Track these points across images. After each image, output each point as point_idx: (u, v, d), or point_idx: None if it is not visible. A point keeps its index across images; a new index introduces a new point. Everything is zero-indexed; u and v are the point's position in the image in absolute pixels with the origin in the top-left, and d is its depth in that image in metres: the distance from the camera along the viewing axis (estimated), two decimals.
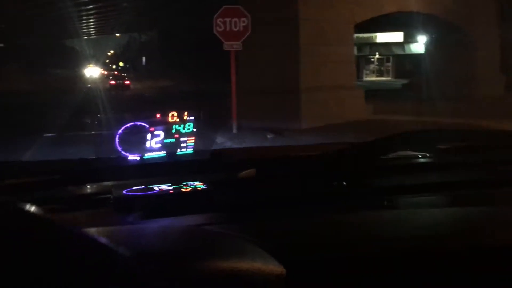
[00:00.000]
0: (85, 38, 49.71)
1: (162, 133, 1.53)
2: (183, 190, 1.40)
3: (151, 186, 1.39)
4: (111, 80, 37.49)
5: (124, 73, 48.95)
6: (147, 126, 1.51)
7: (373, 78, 43.46)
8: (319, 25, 13.04)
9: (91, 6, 29.77)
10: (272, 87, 12.31)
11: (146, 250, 0.85)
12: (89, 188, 1.46)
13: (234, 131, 11.25)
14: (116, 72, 54.64)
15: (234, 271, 0.78)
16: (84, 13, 30.35)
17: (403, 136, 1.63)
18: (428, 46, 21.34)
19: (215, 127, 11.01)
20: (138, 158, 1.53)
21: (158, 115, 1.52)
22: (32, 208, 0.58)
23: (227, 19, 11.10)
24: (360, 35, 41.31)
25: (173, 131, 1.56)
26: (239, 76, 12.11)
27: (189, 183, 1.43)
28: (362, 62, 43.02)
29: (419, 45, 30.56)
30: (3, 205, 0.56)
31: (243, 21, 11.05)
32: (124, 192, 1.33)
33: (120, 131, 1.48)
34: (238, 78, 11.93)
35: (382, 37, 40.04)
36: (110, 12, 32.00)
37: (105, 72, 55.86)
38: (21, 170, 1.55)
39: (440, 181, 1.53)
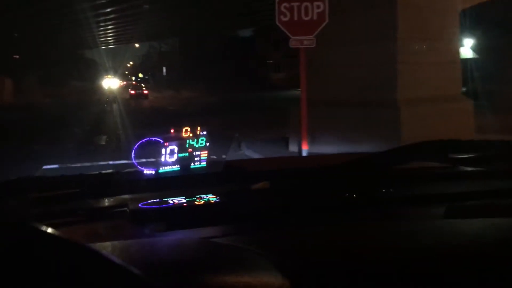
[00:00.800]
0: (103, 48, 50.57)
1: (176, 148, 1.66)
2: (196, 203, 1.53)
3: (166, 199, 1.52)
4: (131, 90, 42.69)
5: (143, 84, 52.27)
6: (162, 141, 1.64)
7: None
8: (421, 12, 10.24)
9: (109, 10, 30.14)
10: (354, 98, 9.95)
11: (157, 263, 0.95)
12: (106, 201, 1.58)
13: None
14: (134, 83, 57.45)
15: (239, 285, 0.85)
16: (102, 18, 30.76)
17: (416, 146, 1.71)
18: (478, 49, 20.48)
19: (274, 149, 10.58)
20: (153, 172, 1.66)
21: (172, 131, 1.66)
22: (47, 229, 0.62)
23: (295, 4, 8.42)
24: None
25: (187, 145, 1.69)
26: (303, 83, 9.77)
27: (203, 196, 1.56)
28: None
29: (465, 49, 29.60)
30: (17, 226, 0.62)
31: (318, 6, 8.40)
32: (140, 205, 1.46)
33: (135, 146, 1.62)
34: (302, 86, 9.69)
35: None
36: (129, 18, 32.40)
37: (124, 83, 57.41)
38: (41, 184, 1.68)
39: (454, 191, 1.59)
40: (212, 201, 1.55)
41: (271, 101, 28.13)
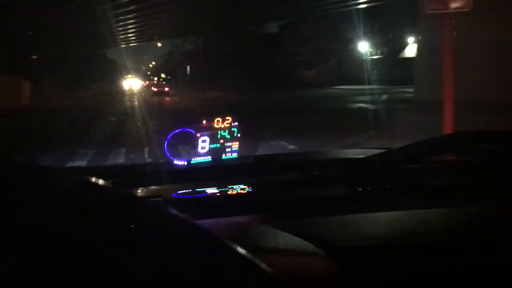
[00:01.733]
0: (124, 48, 51.22)
1: (208, 139, 1.80)
2: (229, 193, 1.66)
3: (198, 189, 1.65)
4: (153, 87, 50.59)
5: (164, 82, 57.63)
6: (194, 132, 1.77)
7: None
8: None
9: (131, 8, 30.44)
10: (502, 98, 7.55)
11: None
12: (140, 191, 1.72)
13: None
14: (155, 81, 62.20)
15: (293, 267, 0.96)
16: (122, 10, 30.93)
17: (432, 142, 1.82)
18: None
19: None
20: (185, 163, 1.80)
21: (204, 122, 1.79)
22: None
23: None
24: None
25: (218, 136, 1.82)
26: (417, 78, 8.38)
27: (235, 186, 1.69)
28: None
29: None
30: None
31: None
32: (173, 195, 1.60)
33: (168, 137, 1.75)
34: (418, 82, 8.18)
35: None
36: (151, 14, 32.64)
37: (146, 83, 59.32)
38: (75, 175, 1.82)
39: (469, 184, 1.69)
40: (244, 191, 1.67)
41: (310, 100, 27.51)
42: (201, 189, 1.66)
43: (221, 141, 1.84)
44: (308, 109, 21.58)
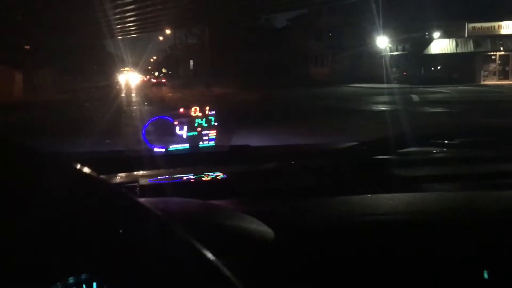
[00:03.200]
0: (123, 40, 51.42)
1: (185, 127, 1.98)
2: (203, 179, 1.84)
3: (175, 175, 1.84)
4: (153, 79, 58.92)
5: (161, 75, 63.16)
6: (171, 120, 1.96)
7: (494, 82, 39.74)
8: None
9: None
10: None
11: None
12: (117, 177, 1.89)
13: None
14: (154, 74, 68.63)
15: (236, 228, 1.21)
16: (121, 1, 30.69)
17: (418, 132, 2.01)
18: None
19: None
20: (163, 150, 1.98)
21: (181, 110, 1.98)
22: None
23: None
24: (477, 24, 37.89)
25: (196, 124, 2.01)
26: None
27: (210, 173, 1.87)
28: (478, 60, 40.26)
29: None
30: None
31: None
32: (149, 180, 1.78)
33: (146, 124, 1.94)
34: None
35: (509, 27, 36.92)
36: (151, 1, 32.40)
37: (146, 78, 60.51)
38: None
39: (452, 173, 1.89)
40: (219, 178, 1.86)
41: (332, 99, 26.10)
42: (177, 176, 1.84)
43: (199, 129, 2.02)
44: (338, 110, 20.15)
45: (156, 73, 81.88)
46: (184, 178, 1.84)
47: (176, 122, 1.97)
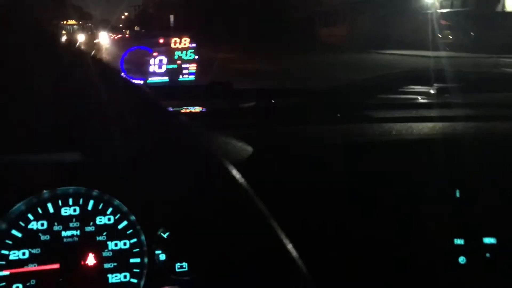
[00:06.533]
0: None
1: (165, 59, 2.27)
2: (182, 111, 2.12)
3: None
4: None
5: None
6: (151, 50, 2.24)
7: None
8: None
9: None
10: None
11: None
12: None
13: None
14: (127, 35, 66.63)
15: (217, 142, 1.50)
16: None
17: (400, 75, 2.31)
18: None
19: None
20: (141, 82, 2.26)
21: (161, 40, 2.26)
22: None
23: None
24: None
25: (176, 57, 2.29)
26: None
27: (190, 107, 2.15)
28: None
29: None
30: None
31: None
32: None
33: (125, 54, 2.22)
34: None
35: None
36: None
37: (118, 36, 60.01)
38: None
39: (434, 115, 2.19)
40: (198, 111, 2.14)
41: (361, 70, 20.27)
42: None
43: (179, 62, 2.30)
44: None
45: (128, 31, 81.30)
46: None
47: (155, 54, 2.25)
